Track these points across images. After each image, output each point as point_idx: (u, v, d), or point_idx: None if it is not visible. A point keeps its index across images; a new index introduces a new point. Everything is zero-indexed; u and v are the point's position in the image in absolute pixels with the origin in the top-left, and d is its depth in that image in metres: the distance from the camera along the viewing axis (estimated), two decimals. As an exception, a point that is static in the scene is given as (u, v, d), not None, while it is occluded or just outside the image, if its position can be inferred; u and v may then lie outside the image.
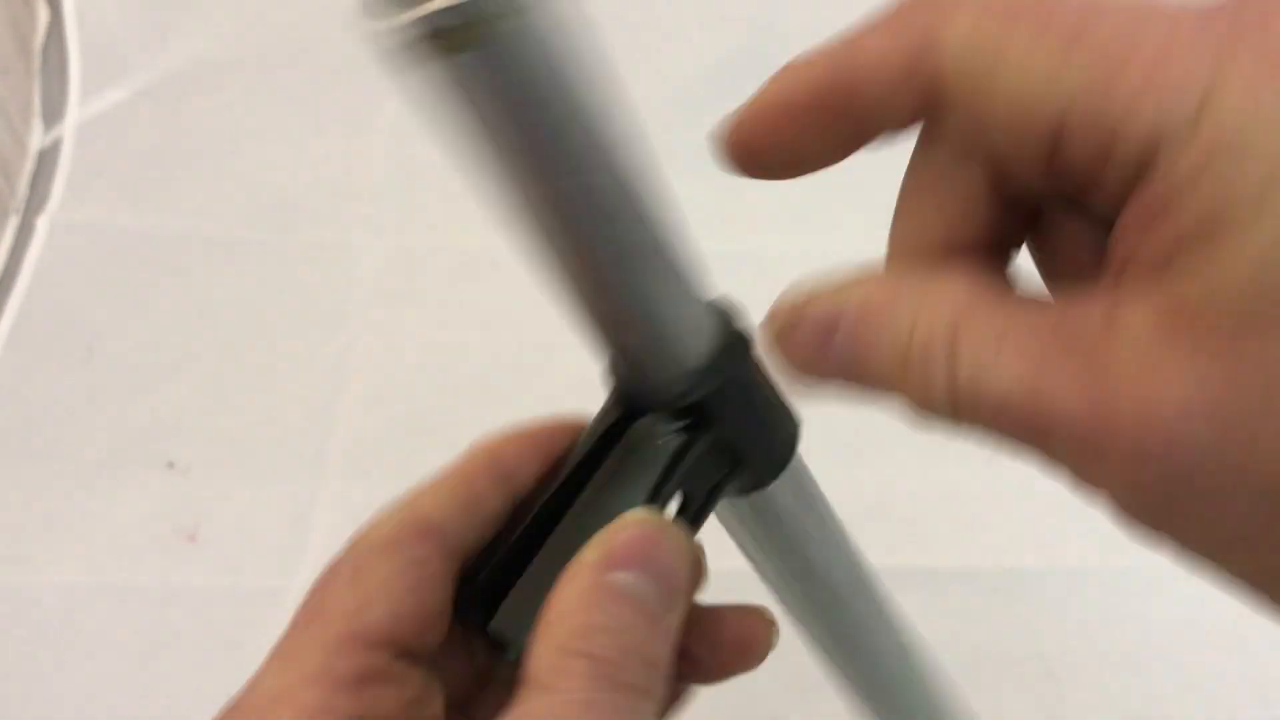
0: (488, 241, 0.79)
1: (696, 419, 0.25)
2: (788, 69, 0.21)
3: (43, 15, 0.82)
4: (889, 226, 0.23)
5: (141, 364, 0.69)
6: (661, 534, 0.23)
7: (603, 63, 0.21)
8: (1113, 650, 0.55)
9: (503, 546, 0.27)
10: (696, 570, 0.24)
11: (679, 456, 0.25)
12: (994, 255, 0.21)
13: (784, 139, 0.21)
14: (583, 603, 0.22)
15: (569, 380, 0.71)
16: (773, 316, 0.22)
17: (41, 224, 0.75)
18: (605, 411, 0.27)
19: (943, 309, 0.19)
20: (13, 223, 0.75)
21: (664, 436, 0.26)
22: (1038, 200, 0.21)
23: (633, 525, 0.23)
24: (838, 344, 0.20)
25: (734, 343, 0.25)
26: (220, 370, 0.69)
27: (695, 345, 0.25)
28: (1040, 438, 0.18)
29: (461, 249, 0.75)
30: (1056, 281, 0.21)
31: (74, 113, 0.81)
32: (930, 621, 0.38)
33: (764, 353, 0.22)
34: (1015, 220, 0.21)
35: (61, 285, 0.73)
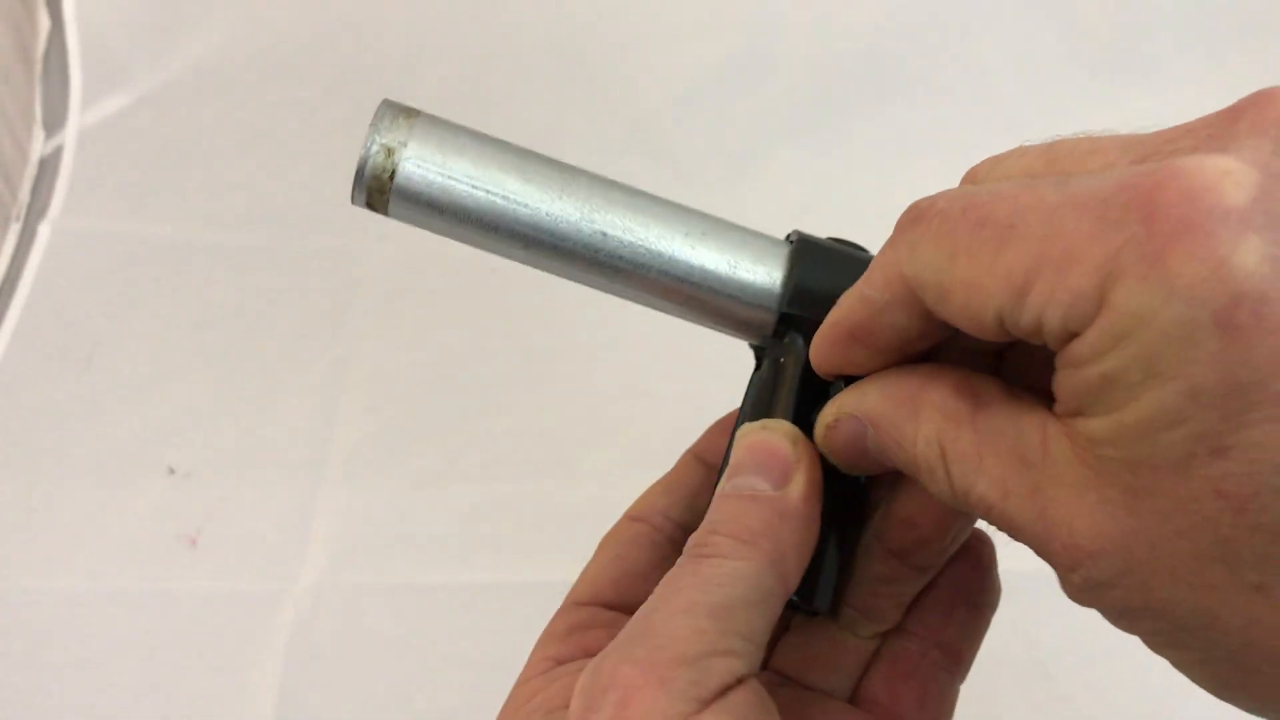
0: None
1: (795, 325, 0.30)
2: (835, 306, 0.27)
3: (44, 23, 0.82)
4: (883, 220, 0.26)
5: (143, 370, 0.69)
6: (755, 437, 0.28)
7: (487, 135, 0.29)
8: (1110, 652, 0.55)
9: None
10: (800, 443, 0.28)
11: (797, 362, 0.29)
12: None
13: (840, 354, 0.27)
14: (710, 512, 0.27)
15: (570, 385, 0.71)
16: (821, 418, 0.28)
17: (43, 231, 0.75)
18: (755, 367, 0.32)
19: (929, 427, 0.24)
20: (14, 229, 0.75)
21: (782, 351, 0.30)
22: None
23: (738, 443, 0.28)
24: (870, 444, 0.26)
25: (799, 253, 0.30)
26: (221, 376, 0.69)
27: (768, 275, 0.30)
28: (1014, 535, 0.23)
29: (461, 255, 0.75)
30: (1020, 378, 0.26)
31: (75, 120, 0.81)
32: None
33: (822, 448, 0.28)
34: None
35: (63, 291, 0.73)
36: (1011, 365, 0.27)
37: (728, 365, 0.35)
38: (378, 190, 0.29)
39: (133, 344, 0.70)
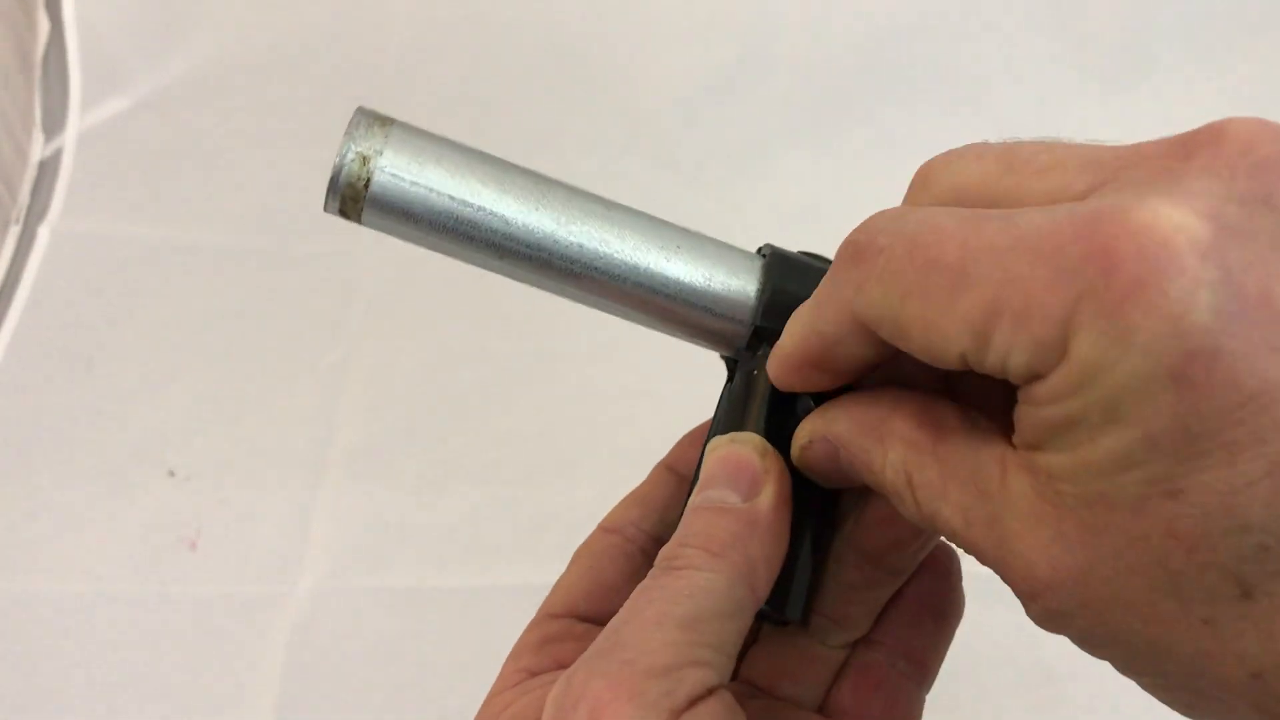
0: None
1: (770, 339, 0.30)
2: (784, 335, 0.28)
3: (43, 26, 0.82)
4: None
5: (142, 372, 0.69)
6: (725, 450, 0.28)
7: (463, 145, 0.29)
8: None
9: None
10: (769, 455, 0.28)
11: (756, 376, 0.30)
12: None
13: (799, 380, 0.27)
14: (680, 526, 0.27)
15: (569, 388, 0.71)
16: (795, 438, 0.28)
17: (43, 233, 0.75)
18: (726, 380, 0.32)
19: (895, 454, 0.25)
20: (14, 232, 0.75)
21: (756, 364, 0.30)
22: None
23: (707, 457, 0.29)
24: (843, 464, 0.27)
25: (771, 267, 0.31)
26: (221, 379, 0.69)
27: (742, 288, 0.30)
28: (980, 560, 0.23)
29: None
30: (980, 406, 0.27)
31: (75, 123, 0.81)
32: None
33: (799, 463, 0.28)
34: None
35: (62, 294, 0.73)
36: (965, 382, 0.28)
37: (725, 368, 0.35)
38: (352, 198, 0.29)
39: (132, 346, 0.70)
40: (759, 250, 0.32)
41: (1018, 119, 0.82)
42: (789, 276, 0.30)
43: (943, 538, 0.27)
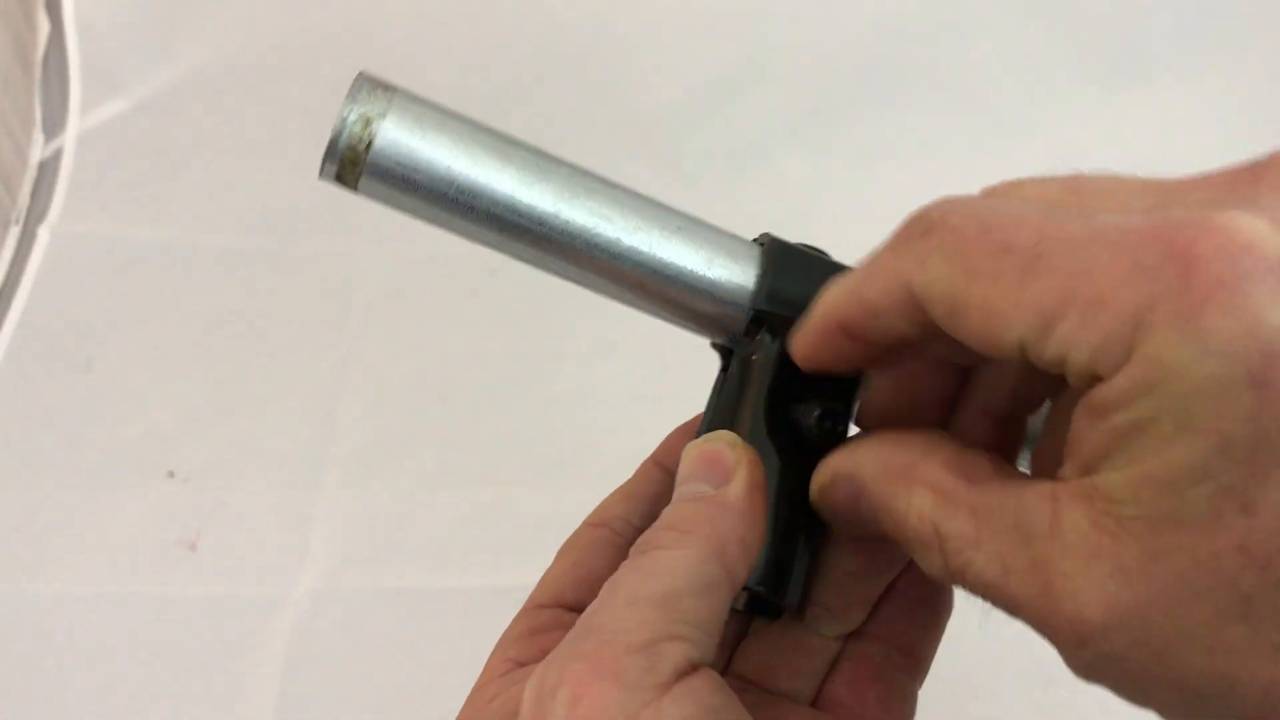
0: (486, 251, 0.79)
1: (768, 325, 0.29)
2: (822, 301, 0.26)
3: (43, 27, 0.82)
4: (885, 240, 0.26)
5: (142, 373, 0.69)
6: (698, 448, 0.28)
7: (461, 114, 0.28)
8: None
9: None
10: (739, 447, 0.28)
11: (774, 356, 0.29)
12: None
13: (826, 348, 0.27)
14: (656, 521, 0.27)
15: (568, 389, 0.71)
16: (816, 475, 0.28)
17: (42, 234, 0.75)
18: (719, 371, 0.32)
19: (921, 502, 0.24)
20: (14, 233, 0.75)
21: (754, 350, 0.30)
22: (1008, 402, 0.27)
23: (682, 460, 0.29)
24: (864, 509, 0.26)
25: (769, 254, 0.30)
26: (220, 379, 0.69)
27: (742, 273, 0.30)
28: (1013, 611, 0.22)
29: (460, 258, 0.75)
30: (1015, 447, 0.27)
31: (75, 124, 0.81)
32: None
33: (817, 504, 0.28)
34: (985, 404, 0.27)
35: (62, 295, 0.73)
36: (980, 382, 0.27)
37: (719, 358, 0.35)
38: (351, 162, 0.28)
39: (132, 348, 0.70)
40: (757, 239, 0.31)
41: (1018, 121, 0.82)
42: (789, 263, 0.30)
43: (969, 593, 0.25)
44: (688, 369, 0.66)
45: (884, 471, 0.25)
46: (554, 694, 0.23)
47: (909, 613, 0.31)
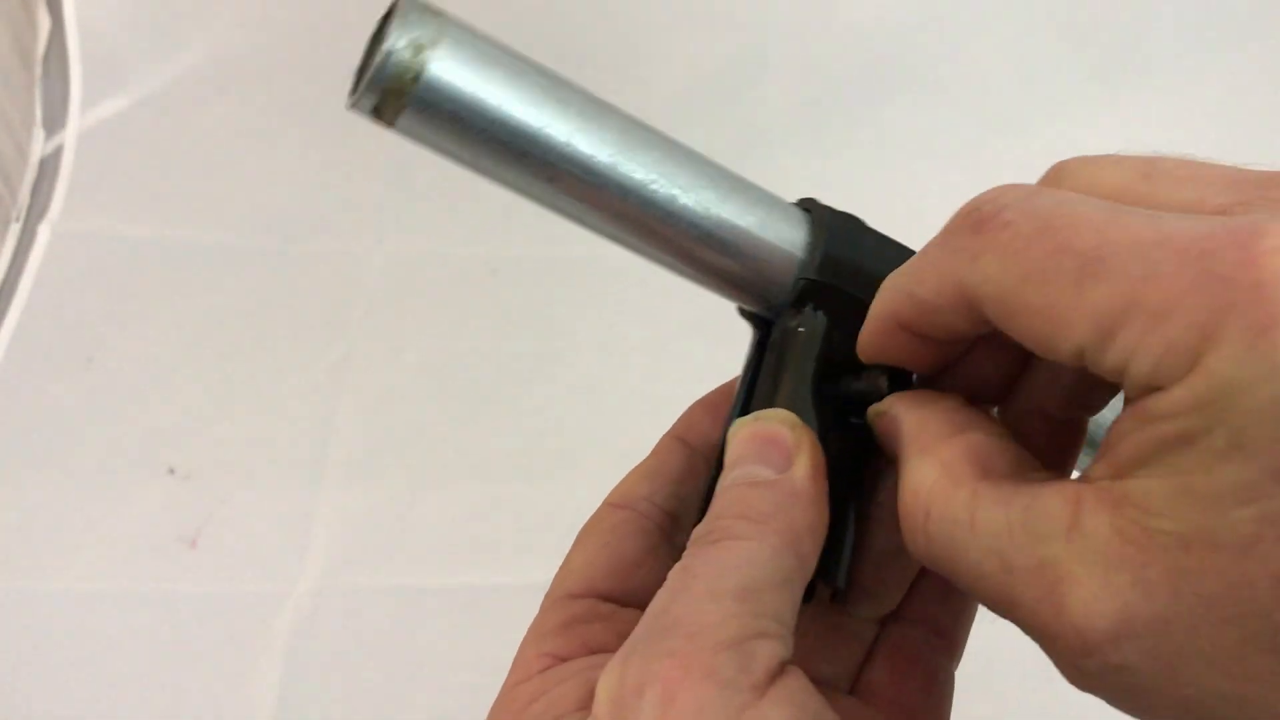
0: (487, 249, 0.79)
1: (819, 295, 0.28)
2: (878, 299, 0.26)
3: (44, 24, 0.82)
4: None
5: (142, 371, 0.69)
6: (751, 428, 0.27)
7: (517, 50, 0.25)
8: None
9: (704, 499, 0.29)
10: (798, 428, 0.27)
11: (821, 330, 0.28)
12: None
13: (891, 345, 0.26)
14: (712, 505, 0.26)
15: (569, 385, 0.71)
16: (876, 405, 0.27)
17: (43, 232, 0.75)
18: (752, 342, 0.30)
19: (928, 473, 0.23)
20: (14, 231, 0.75)
21: (801, 322, 0.28)
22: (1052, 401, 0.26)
23: (732, 438, 0.27)
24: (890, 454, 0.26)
25: (821, 219, 0.28)
26: (221, 377, 0.69)
27: (787, 238, 0.28)
28: (1009, 612, 0.21)
29: (461, 256, 0.75)
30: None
31: (75, 121, 0.81)
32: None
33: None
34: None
35: (62, 293, 0.73)
36: (1035, 378, 0.26)
37: (727, 367, 0.34)
38: (394, 94, 0.24)
39: (132, 345, 0.70)
40: (799, 203, 0.29)
41: (1020, 117, 0.82)
42: (841, 232, 0.28)
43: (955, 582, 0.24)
44: (688, 368, 0.66)
45: (916, 429, 0.25)
46: (640, 693, 0.21)
47: (944, 595, 0.30)
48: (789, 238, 0.28)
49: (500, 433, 0.67)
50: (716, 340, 0.33)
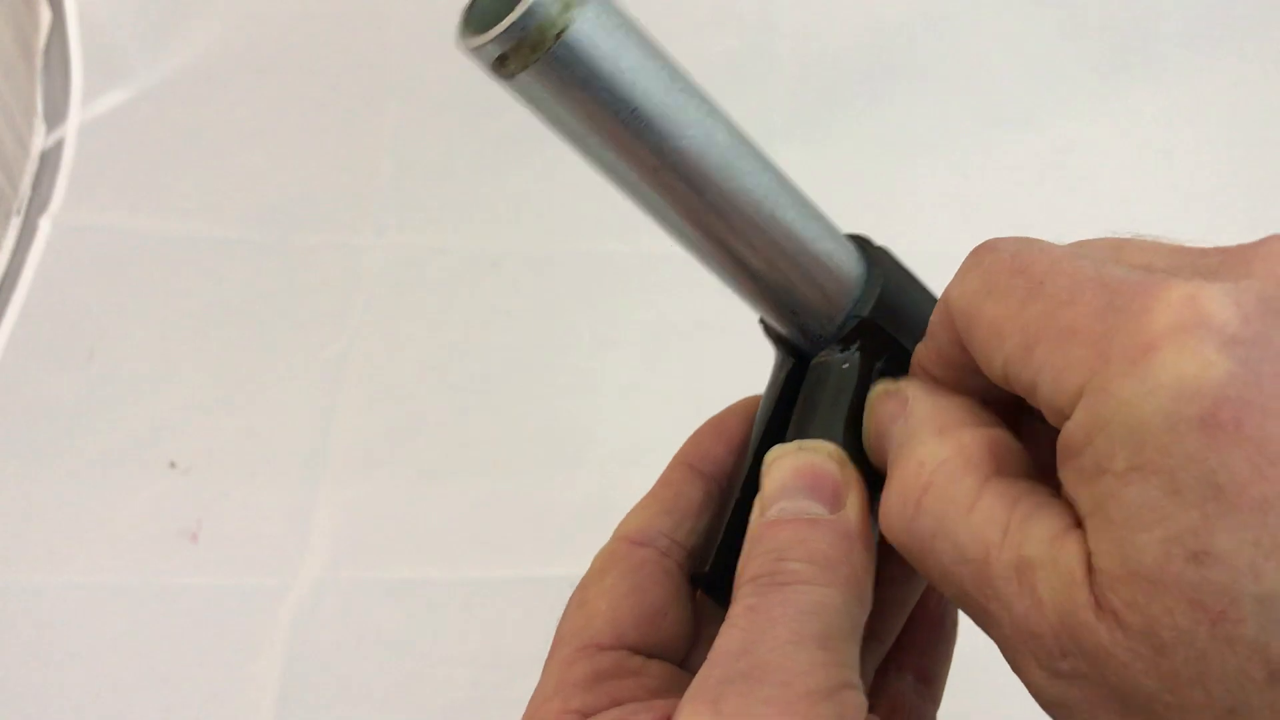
0: (488, 242, 0.79)
1: (869, 335, 0.28)
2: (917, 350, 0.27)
3: (45, 16, 0.82)
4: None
5: (144, 364, 0.69)
6: (797, 459, 0.26)
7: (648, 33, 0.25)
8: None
9: (719, 529, 0.28)
10: (847, 465, 0.26)
11: (866, 372, 0.27)
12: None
13: (944, 376, 0.26)
14: (748, 546, 0.25)
15: (570, 379, 0.71)
16: (881, 385, 0.27)
17: (44, 225, 0.75)
18: (778, 369, 0.29)
19: (940, 450, 0.23)
20: (15, 223, 0.75)
21: (847, 360, 0.28)
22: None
23: (773, 466, 0.26)
24: (889, 437, 0.26)
25: (877, 259, 0.28)
26: (222, 370, 0.69)
27: (847, 270, 0.28)
28: (981, 603, 0.22)
29: (462, 250, 0.75)
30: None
31: (76, 114, 0.81)
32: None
33: None
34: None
35: (64, 286, 0.73)
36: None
37: (727, 363, 0.34)
38: (531, 47, 0.22)
39: (134, 338, 0.70)
40: (851, 237, 0.29)
41: (1022, 115, 0.82)
42: (894, 276, 0.28)
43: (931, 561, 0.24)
44: (689, 363, 0.66)
45: (933, 410, 0.25)
46: None
47: (928, 643, 0.30)
48: (849, 272, 0.28)
49: (502, 426, 0.67)
50: (718, 337, 0.33)
